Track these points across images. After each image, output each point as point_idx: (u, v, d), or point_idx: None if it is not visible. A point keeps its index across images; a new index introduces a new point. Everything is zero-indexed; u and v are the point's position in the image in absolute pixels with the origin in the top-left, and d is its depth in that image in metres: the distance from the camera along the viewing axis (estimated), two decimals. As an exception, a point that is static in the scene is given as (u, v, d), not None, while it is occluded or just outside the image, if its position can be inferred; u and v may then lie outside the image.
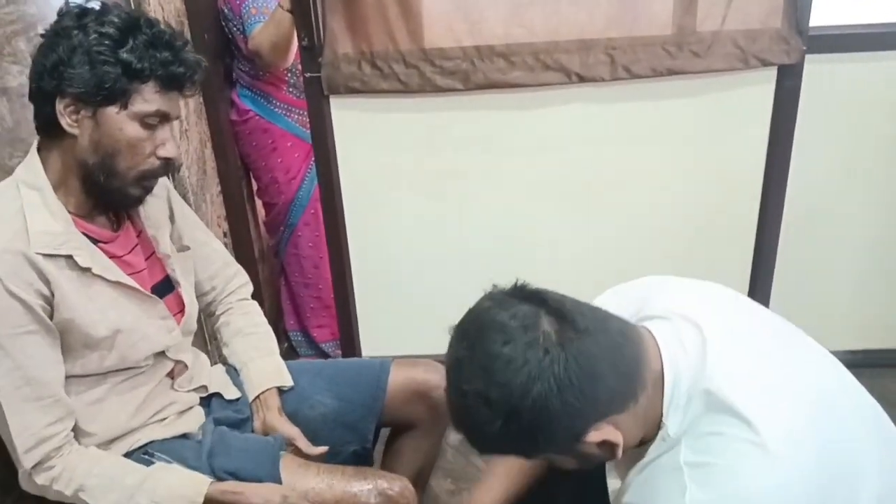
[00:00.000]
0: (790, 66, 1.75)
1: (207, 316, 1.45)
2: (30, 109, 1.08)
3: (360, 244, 1.99)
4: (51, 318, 1.04)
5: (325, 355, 2.33)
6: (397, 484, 1.19)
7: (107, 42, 1.01)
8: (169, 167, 1.12)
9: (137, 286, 1.14)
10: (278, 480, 1.16)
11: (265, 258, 2.35)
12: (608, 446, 0.82)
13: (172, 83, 1.06)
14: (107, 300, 1.10)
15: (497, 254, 1.96)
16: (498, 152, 1.87)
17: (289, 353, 2.38)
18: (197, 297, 1.33)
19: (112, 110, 1.03)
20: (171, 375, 1.25)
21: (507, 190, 1.91)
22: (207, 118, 1.98)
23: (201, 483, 1.10)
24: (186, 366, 1.26)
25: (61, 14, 1.05)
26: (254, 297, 1.48)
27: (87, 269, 1.07)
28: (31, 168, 1.08)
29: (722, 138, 1.85)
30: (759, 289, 2.00)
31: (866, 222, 2.01)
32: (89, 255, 1.08)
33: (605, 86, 1.76)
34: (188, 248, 1.30)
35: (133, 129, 1.05)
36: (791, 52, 1.71)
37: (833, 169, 1.94)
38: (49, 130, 1.06)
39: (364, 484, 1.17)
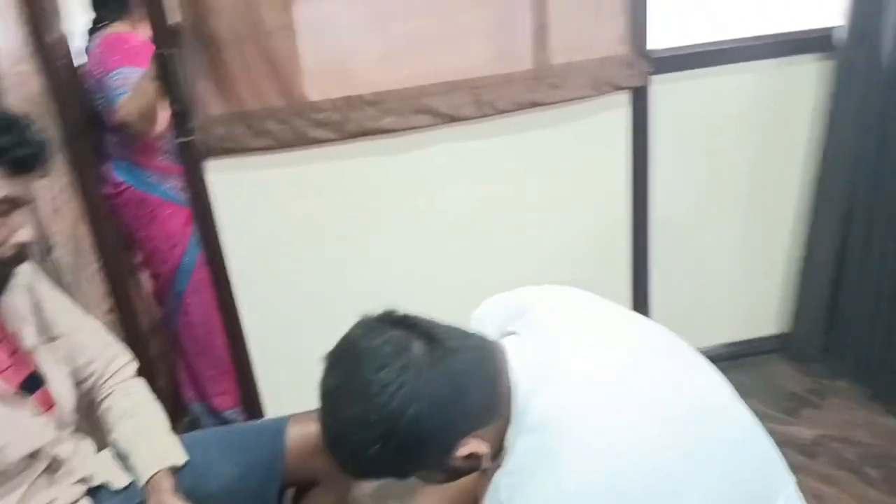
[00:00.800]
0: (639, 89, 1.88)
1: (90, 403, 1.38)
2: None
3: (252, 303, 1.97)
4: None
5: (230, 424, 2.26)
6: None
7: None
8: (24, 255, 1.09)
9: (1, 387, 1.09)
10: None
11: (156, 331, 2.27)
12: (474, 458, 0.86)
13: (19, 167, 1.03)
14: None
15: (388, 295, 1.97)
16: (378, 197, 1.91)
17: (191, 426, 2.29)
18: (77, 384, 1.27)
19: None
20: (49, 471, 1.17)
21: (392, 232, 1.95)
22: (81, 194, 1.92)
23: None
24: (64, 461, 1.19)
25: None
26: (147, 371, 1.42)
27: None
28: None
29: (586, 161, 1.97)
30: (640, 296, 2.11)
31: (729, 223, 2.16)
32: None
33: (472, 123, 1.84)
34: (57, 337, 1.23)
35: None
36: (637, 75, 1.85)
37: (694, 176, 2.09)
38: None
39: None
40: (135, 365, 1.40)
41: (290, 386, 2.05)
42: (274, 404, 2.08)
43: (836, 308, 2.14)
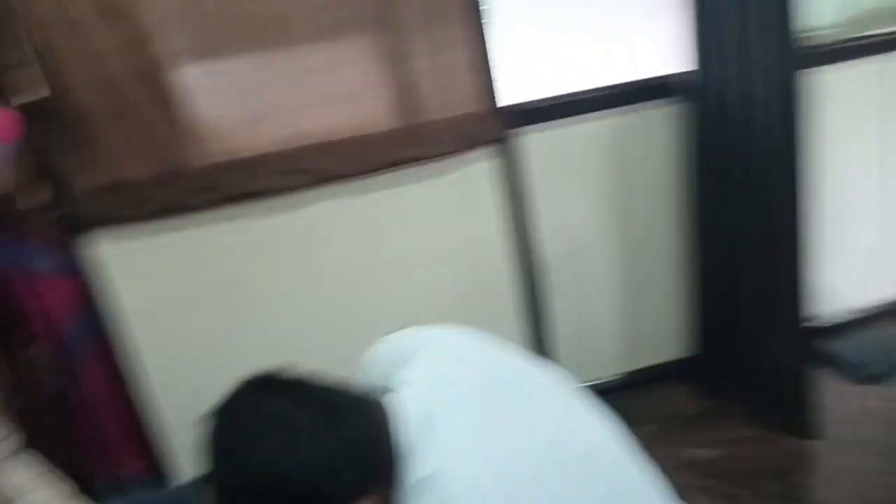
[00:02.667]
0: (500, 141, 2.01)
1: None
2: None
3: (155, 368, 1.99)
4: None
5: (138, 492, 2.24)
6: None
7: None
8: None
9: None
10: None
11: (53, 404, 2.25)
12: None
13: None
14: None
15: (290, 348, 2.02)
16: (264, 257, 1.97)
17: (97, 499, 2.26)
18: None
19: None
20: None
21: (281, 290, 2.01)
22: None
23: None
24: None
25: None
26: (47, 447, 1.43)
27: None
28: None
29: (463, 212, 2.07)
30: (535, 333, 2.22)
31: (613, 257, 2.29)
32: None
33: (349, 182, 1.93)
34: None
35: None
36: (494, 130, 1.98)
37: (574, 219, 2.21)
38: None
39: None
40: (18, 437, 1.42)
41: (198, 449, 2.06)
42: (184, 470, 2.08)
43: (728, 332, 2.22)
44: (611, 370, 2.34)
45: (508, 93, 1.97)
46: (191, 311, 1.98)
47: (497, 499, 0.85)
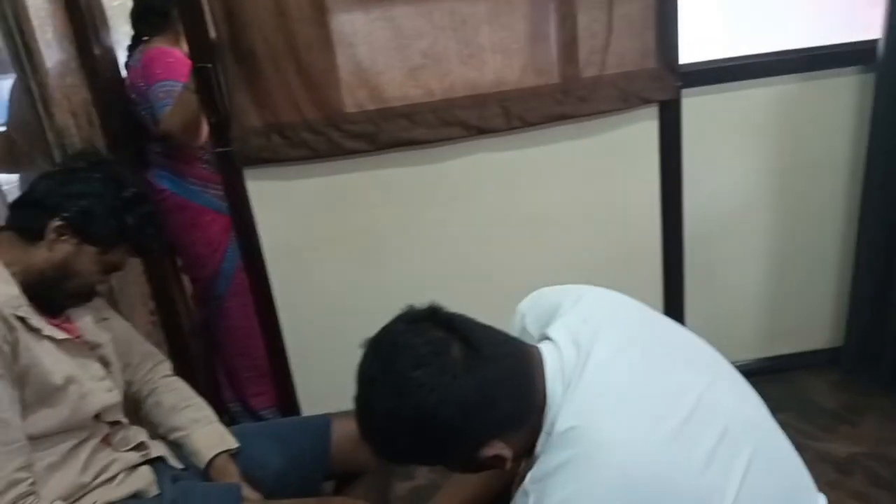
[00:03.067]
0: (669, 102, 1.89)
1: (132, 399, 1.46)
2: None
3: (290, 308, 2.03)
4: (12, 367, 1.09)
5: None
6: None
7: (119, 203, 1.21)
8: (90, 297, 1.29)
9: (81, 343, 1.25)
10: None
11: (196, 333, 2.35)
12: (499, 460, 0.90)
13: (142, 252, 1.33)
14: (56, 355, 1.18)
15: (421, 298, 2.01)
16: (411, 205, 1.96)
17: (228, 423, 2.36)
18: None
19: (92, 250, 1.21)
20: (106, 441, 1.27)
21: (425, 239, 1.99)
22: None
23: None
24: (121, 426, 1.30)
25: (81, 156, 1.29)
26: (188, 372, 1.51)
27: (38, 331, 1.16)
28: None
29: (616, 173, 1.98)
30: (673, 306, 2.12)
31: (762, 235, 2.16)
32: (38, 318, 1.17)
33: (503, 135, 1.87)
34: (107, 318, 1.36)
35: (97, 269, 1.23)
36: (666, 88, 1.86)
37: (729, 189, 2.09)
38: (23, 231, 1.19)
39: None
40: (169, 363, 1.50)
41: (326, 388, 2.11)
42: (309, 405, 2.14)
43: (879, 324, 2.10)
44: (745, 353, 2.22)
45: (684, 50, 1.85)
46: (329, 255, 2.00)
47: (639, 457, 0.84)
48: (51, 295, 1.20)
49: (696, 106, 1.94)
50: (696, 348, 1.02)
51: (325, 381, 2.11)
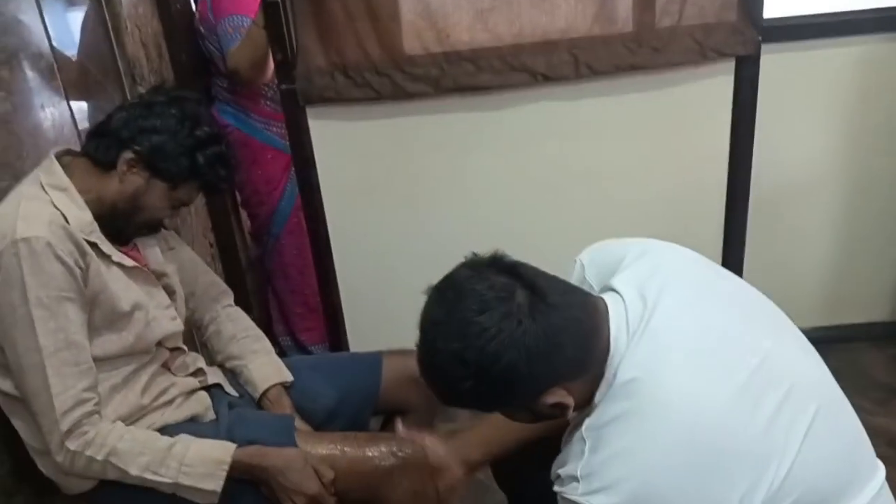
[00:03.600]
0: (747, 57, 1.82)
1: (194, 326, 1.51)
2: (15, 136, 1.21)
3: (343, 248, 2.04)
4: (83, 290, 1.13)
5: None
6: (409, 445, 1.26)
7: (192, 141, 1.21)
8: (156, 230, 1.33)
9: (148, 272, 1.28)
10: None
11: (252, 268, 2.40)
12: (560, 407, 0.90)
13: (211, 191, 1.32)
14: (124, 282, 1.21)
15: (474, 247, 2.01)
16: (471, 152, 1.94)
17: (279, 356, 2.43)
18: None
19: (163, 185, 1.22)
20: (166, 366, 1.32)
21: (483, 187, 1.97)
22: (188, 134, 2.03)
23: (228, 446, 1.17)
24: (181, 352, 1.34)
25: (161, 90, 1.26)
26: (242, 305, 1.54)
27: (108, 257, 1.19)
28: (53, 173, 1.18)
29: (686, 129, 1.92)
30: (731, 267, 2.05)
31: (831, 201, 2.08)
32: (108, 245, 1.21)
33: (570, 84, 1.83)
34: (173, 248, 1.39)
35: (166, 204, 1.25)
36: (747, 43, 1.78)
37: (799, 151, 2.01)
38: (97, 160, 1.20)
39: (378, 447, 1.25)
40: (231, 294, 1.53)
41: (374, 328, 2.15)
42: (357, 344, 2.17)
43: None
44: (802, 321, 2.15)
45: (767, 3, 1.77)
46: (385, 198, 2.00)
47: (702, 413, 0.84)
48: (120, 226, 1.23)
49: (774, 63, 1.86)
50: (762, 306, 1.01)
51: (374, 320, 2.15)
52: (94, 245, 1.17)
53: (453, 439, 1.31)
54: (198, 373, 1.37)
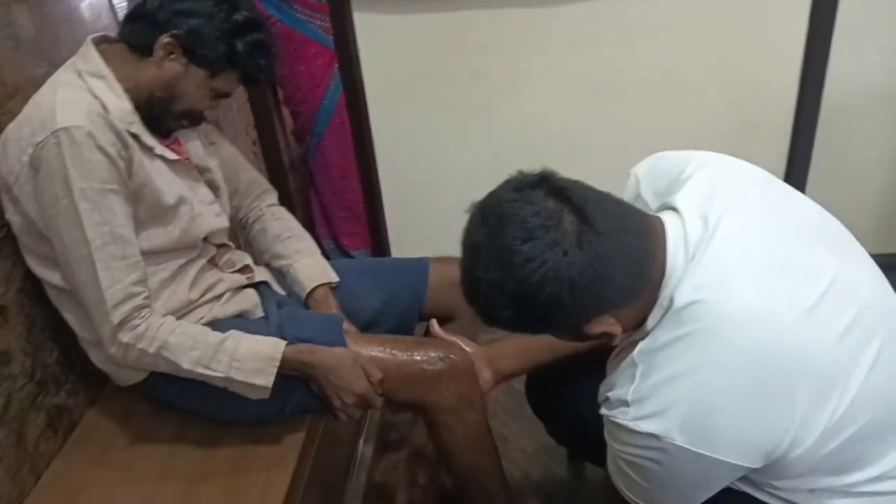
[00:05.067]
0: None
1: (238, 225, 1.49)
2: (50, 20, 1.17)
3: (387, 151, 1.99)
4: (127, 183, 1.11)
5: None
6: (458, 351, 1.26)
7: (230, 26, 1.16)
8: (197, 122, 1.28)
9: (193, 165, 1.26)
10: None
11: (295, 167, 2.37)
12: (607, 335, 0.86)
13: (251, 81, 1.25)
14: (168, 175, 1.20)
15: (524, 154, 1.90)
16: (523, 51, 1.83)
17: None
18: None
19: (201, 73, 1.18)
20: (213, 261, 1.31)
21: (534, 89, 1.88)
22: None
23: (279, 343, 1.18)
24: (228, 249, 1.34)
25: None
26: (285, 205, 1.51)
27: (151, 149, 1.17)
28: (91, 60, 1.14)
29: (756, 34, 1.78)
30: (795, 182, 1.93)
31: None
32: (150, 137, 1.17)
33: (637, -23, 1.70)
34: (214, 143, 1.36)
35: (205, 94, 1.21)
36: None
37: (877, 66, 1.86)
38: (134, 46, 1.16)
39: (426, 351, 1.25)
40: (275, 193, 1.51)
41: (418, 235, 2.13)
42: (399, 251, 2.15)
43: None
44: (866, 245, 2.07)
45: None
46: (433, 99, 1.92)
47: (770, 332, 0.80)
48: (159, 114, 1.19)
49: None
50: (830, 228, 0.94)
51: (418, 228, 2.12)
52: (135, 136, 1.14)
53: (486, 347, 1.31)
54: (245, 269, 1.36)
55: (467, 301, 0.89)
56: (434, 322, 1.35)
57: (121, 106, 1.13)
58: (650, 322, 0.86)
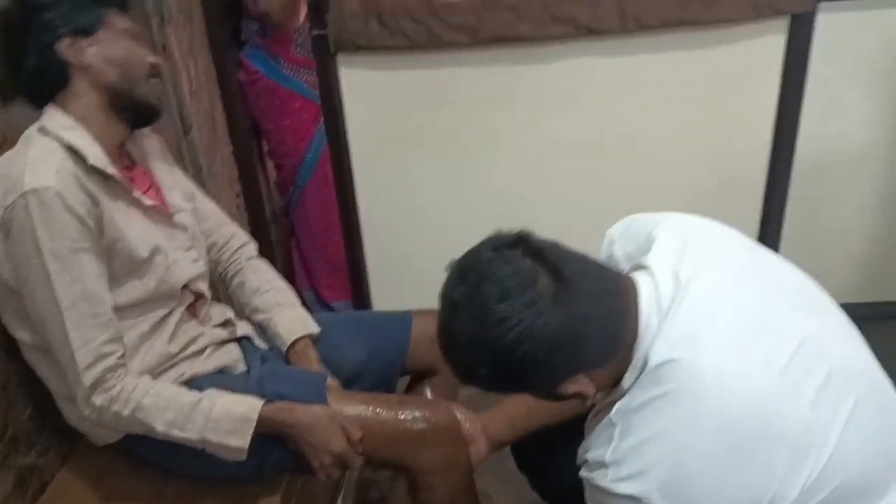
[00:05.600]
0: (803, 15, 1.72)
1: (218, 278, 1.47)
2: None
3: (369, 204, 2.00)
4: (99, 240, 1.10)
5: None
6: (442, 410, 1.24)
7: None
8: (160, 71, 1.25)
9: (168, 212, 1.25)
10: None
11: (277, 219, 2.37)
12: (580, 395, 0.87)
13: (123, 4, 1.21)
14: (142, 226, 1.18)
15: (506, 208, 1.96)
16: (506, 107, 1.87)
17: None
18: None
19: (104, 33, 1.15)
20: (193, 312, 1.28)
21: (516, 144, 1.91)
22: (217, 78, 1.98)
23: (255, 402, 1.15)
24: (206, 299, 1.31)
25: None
26: (266, 256, 1.50)
27: (126, 193, 1.16)
28: (53, 117, 1.14)
29: (732, 91, 1.83)
30: (769, 239, 2.00)
31: (880, 175, 1.99)
32: (127, 181, 1.17)
33: (614, 38, 1.74)
34: (193, 193, 1.36)
35: (126, 43, 1.18)
36: (805, 0, 1.68)
37: (849, 118, 1.92)
38: (61, 83, 1.14)
39: (410, 410, 1.22)
40: (255, 245, 1.49)
41: (399, 287, 2.12)
42: (381, 303, 2.14)
43: None
44: (842, 296, 2.09)
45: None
46: (415, 154, 1.94)
47: (743, 394, 0.80)
48: (138, 96, 1.18)
49: (830, 24, 1.76)
50: (803, 287, 0.95)
51: (399, 280, 2.12)
52: (111, 181, 1.13)
53: (482, 415, 1.29)
54: (227, 324, 1.34)
55: (444, 357, 0.89)
56: (428, 388, 1.35)
57: (94, 150, 1.12)
58: (626, 381, 0.86)
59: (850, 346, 0.91)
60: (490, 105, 1.86)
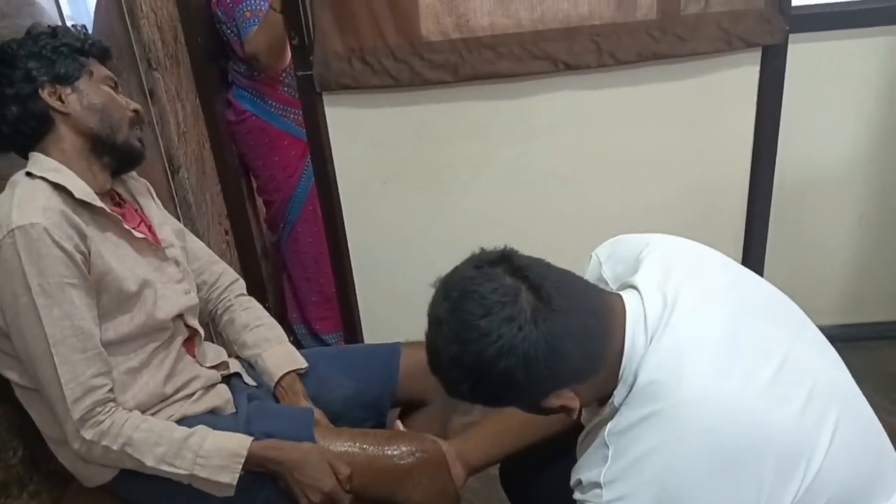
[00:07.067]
0: (774, 47, 1.77)
1: (207, 316, 1.49)
2: None
3: (358, 237, 2.03)
4: (87, 275, 1.11)
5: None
6: (430, 444, 1.24)
7: (50, 39, 1.20)
8: (141, 118, 1.29)
9: (158, 245, 1.27)
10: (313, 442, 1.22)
11: (267, 255, 2.39)
12: (566, 409, 0.88)
13: (104, 54, 1.27)
14: (132, 260, 1.20)
15: (492, 237, 1.96)
16: (489, 141, 1.90)
17: (294, 345, 2.42)
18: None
19: (84, 81, 1.20)
20: (189, 351, 1.30)
21: (499, 175, 1.94)
22: (205, 119, 2.02)
23: (245, 439, 1.16)
24: (201, 336, 1.33)
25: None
26: (258, 292, 1.52)
27: (116, 225, 1.18)
28: (38, 161, 1.16)
29: (709, 120, 1.88)
30: (752, 263, 2.03)
31: (857, 197, 2.04)
32: (115, 216, 1.19)
33: (591, 72, 1.79)
34: (183, 230, 1.38)
35: (106, 91, 1.23)
36: (774, 32, 1.73)
37: (822, 145, 1.97)
38: (42, 130, 1.18)
39: (398, 445, 1.23)
40: (243, 283, 1.51)
41: (389, 318, 2.13)
42: (372, 334, 2.16)
43: None
44: (822, 318, 2.12)
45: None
46: (402, 187, 1.97)
47: (729, 412, 0.82)
48: (119, 147, 1.21)
49: (802, 53, 1.81)
50: (781, 305, 0.98)
51: (389, 311, 2.13)
52: (99, 215, 1.15)
53: (455, 440, 1.30)
54: (221, 366, 1.35)
55: (432, 372, 0.91)
56: (398, 422, 1.35)
57: (80, 184, 1.14)
58: (617, 399, 0.88)
59: (826, 362, 0.94)
60: (473, 138, 1.90)
